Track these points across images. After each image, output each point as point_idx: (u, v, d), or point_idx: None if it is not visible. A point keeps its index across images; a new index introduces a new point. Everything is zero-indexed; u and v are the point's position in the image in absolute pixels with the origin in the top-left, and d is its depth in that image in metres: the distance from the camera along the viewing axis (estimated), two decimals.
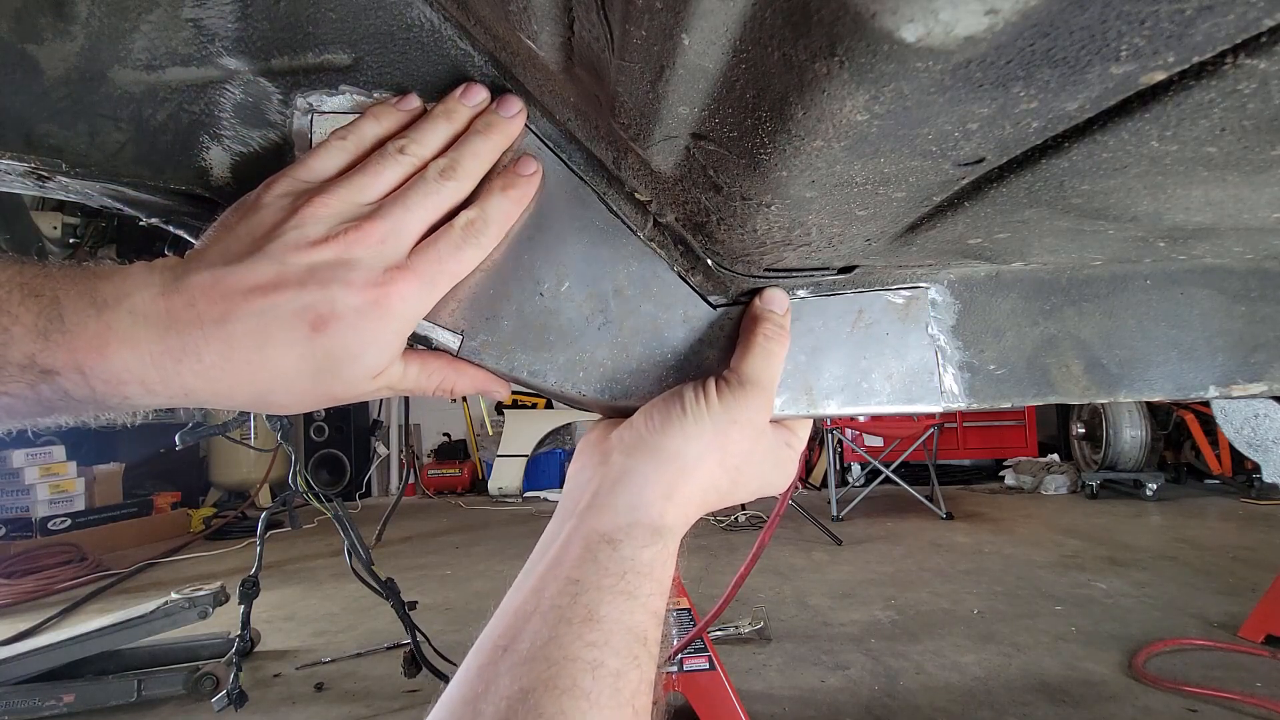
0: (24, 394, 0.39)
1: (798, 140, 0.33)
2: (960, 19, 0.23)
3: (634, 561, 0.44)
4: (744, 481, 0.52)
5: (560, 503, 0.50)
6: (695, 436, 0.48)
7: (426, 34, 0.46)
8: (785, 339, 0.52)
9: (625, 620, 0.41)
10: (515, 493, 6.33)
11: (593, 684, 0.38)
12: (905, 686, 2.21)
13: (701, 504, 0.50)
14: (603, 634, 0.40)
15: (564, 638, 0.40)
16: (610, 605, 0.41)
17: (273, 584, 3.54)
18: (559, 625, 0.40)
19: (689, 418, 0.48)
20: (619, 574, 0.43)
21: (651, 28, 0.32)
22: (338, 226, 0.42)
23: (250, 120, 0.47)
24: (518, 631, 0.41)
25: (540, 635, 0.40)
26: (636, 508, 0.46)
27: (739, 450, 0.50)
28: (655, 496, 0.47)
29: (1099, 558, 3.57)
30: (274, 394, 0.43)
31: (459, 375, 0.50)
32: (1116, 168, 0.35)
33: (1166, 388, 0.57)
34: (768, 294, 0.53)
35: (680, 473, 0.48)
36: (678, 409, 0.49)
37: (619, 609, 0.41)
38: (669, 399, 0.50)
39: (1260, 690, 2.07)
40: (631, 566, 0.43)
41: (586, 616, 0.40)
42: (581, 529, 0.45)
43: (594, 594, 0.42)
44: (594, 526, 0.45)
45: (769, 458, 0.53)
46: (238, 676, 2.07)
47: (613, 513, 0.46)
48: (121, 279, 0.40)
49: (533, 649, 0.39)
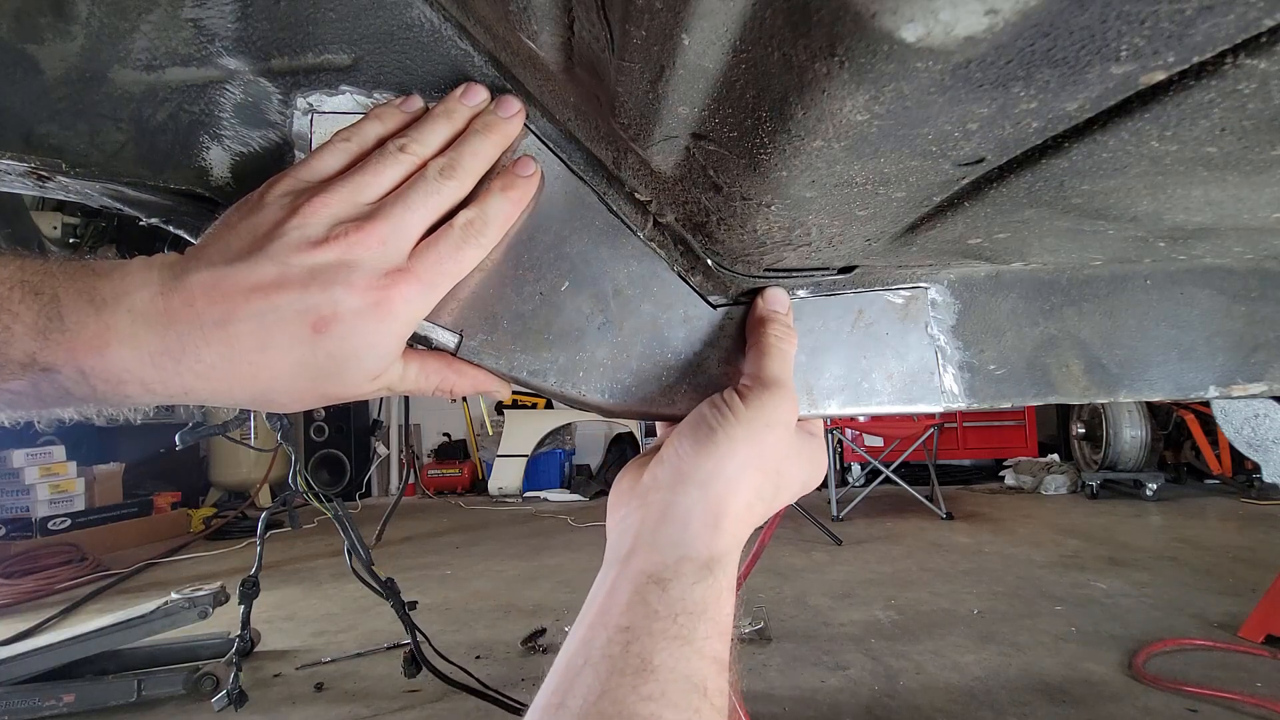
0: (25, 390, 0.39)
1: (798, 140, 0.33)
2: (960, 19, 0.23)
3: (685, 601, 0.41)
4: (786, 484, 0.50)
5: (606, 555, 0.48)
6: (730, 452, 0.46)
7: (426, 34, 0.46)
8: (794, 337, 0.52)
9: (681, 668, 0.38)
10: (515, 493, 6.33)
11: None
12: (905, 686, 2.21)
13: (749, 520, 0.48)
14: (659, 685, 0.37)
15: (617, 691, 0.37)
16: (665, 652, 0.39)
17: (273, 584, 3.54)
18: (611, 678, 0.38)
19: (720, 433, 0.47)
20: (670, 616, 0.40)
21: (651, 28, 0.32)
22: (339, 227, 0.42)
23: (250, 120, 0.47)
24: (569, 687, 0.38)
25: (592, 690, 0.37)
26: (682, 543, 0.44)
27: (776, 453, 0.48)
28: (701, 527, 0.45)
29: (1099, 558, 3.57)
30: (273, 393, 0.43)
31: (458, 375, 0.50)
32: (1116, 168, 0.35)
33: (1166, 388, 0.57)
34: (769, 294, 0.52)
35: (725, 493, 0.46)
36: (705, 429, 0.47)
37: (674, 656, 0.39)
38: (693, 424, 0.48)
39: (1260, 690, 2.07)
40: (683, 607, 0.41)
41: (640, 667, 0.38)
42: (627, 573, 0.43)
43: (646, 641, 0.39)
44: (640, 569, 0.43)
45: (802, 453, 0.52)
46: (238, 676, 2.07)
47: (658, 552, 0.44)
48: (121, 277, 0.40)
49: (585, 706, 0.37)
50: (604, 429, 6.90)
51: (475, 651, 2.60)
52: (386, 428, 7.07)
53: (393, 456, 6.98)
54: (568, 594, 3.30)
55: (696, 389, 0.52)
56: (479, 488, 6.73)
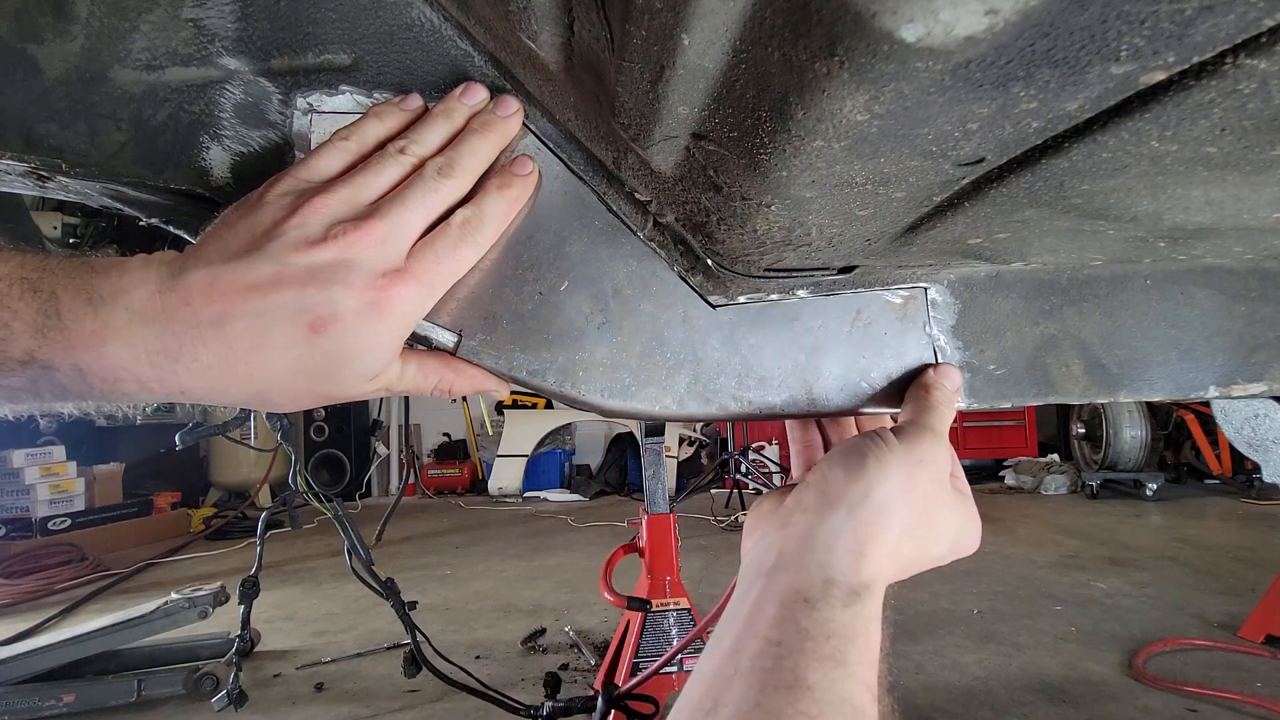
0: (23, 386, 0.39)
1: (798, 140, 0.33)
2: (960, 19, 0.23)
3: (835, 624, 0.40)
4: (937, 533, 0.49)
5: (739, 575, 0.47)
6: (881, 478, 0.46)
7: (426, 34, 0.46)
8: (955, 407, 0.53)
9: (838, 690, 0.37)
10: (515, 493, 6.33)
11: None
12: (905, 686, 2.21)
13: (897, 558, 0.46)
14: (816, 704, 0.36)
15: (772, 704, 0.36)
16: (819, 672, 0.38)
17: (273, 584, 3.54)
18: (765, 691, 0.37)
19: (872, 458, 0.46)
20: (822, 637, 0.39)
21: (651, 28, 0.32)
22: (337, 227, 0.42)
23: (250, 120, 0.47)
24: (720, 694, 0.38)
25: (746, 700, 0.37)
26: (828, 565, 0.43)
27: (925, 493, 0.48)
28: (846, 552, 0.44)
29: (1099, 558, 3.57)
30: (270, 393, 0.43)
31: (457, 375, 0.50)
32: (1116, 168, 0.35)
33: (1166, 388, 0.57)
34: (944, 369, 0.54)
35: (873, 520, 0.45)
36: (856, 455, 0.47)
37: (829, 677, 0.38)
38: (845, 451, 0.48)
39: (1260, 690, 2.07)
40: (834, 629, 0.40)
41: (794, 683, 0.37)
42: (773, 588, 0.43)
43: (799, 658, 0.38)
44: (786, 585, 0.42)
45: (955, 507, 0.51)
46: (238, 676, 2.07)
47: (804, 571, 0.43)
48: (119, 275, 0.40)
49: (738, 714, 0.36)
50: (604, 429, 6.90)
51: (475, 651, 2.60)
52: (386, 428, 7.07)
53: (393, 456, 6.98)
54: (568, 594, 3.29)
55: (696, 389, 0.52)
56: (479, 488, 6.73)
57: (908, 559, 0.47)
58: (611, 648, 2.18)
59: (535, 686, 2.27)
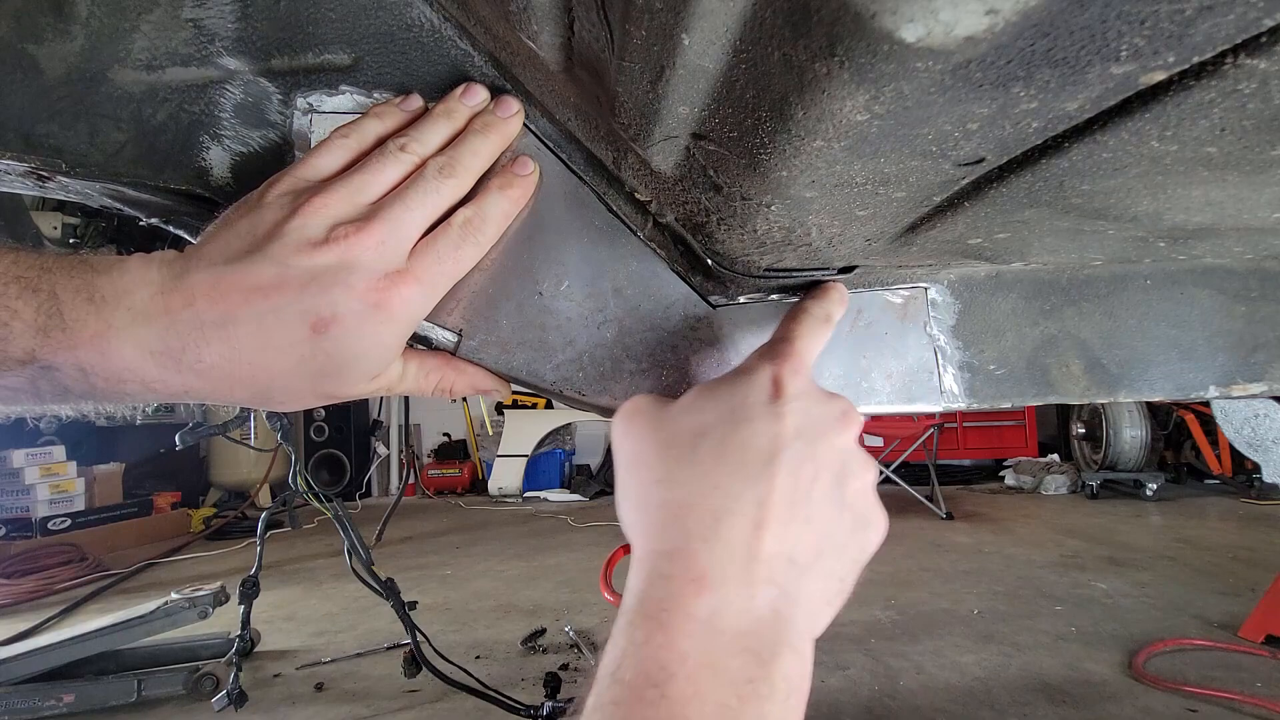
0: (22, 387, 0.39)
1: (798, 140, 0.33)
2: (960, 19, 0.23)
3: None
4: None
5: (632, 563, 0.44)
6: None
7: (426, 34, 0.46)
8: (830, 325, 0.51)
9: None
10: (515, 493, 6.33)
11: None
12: (905, 686, 2.21)
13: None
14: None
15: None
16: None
17: (273, 584, 3.53)
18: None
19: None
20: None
21: (651, 28, 0.32)
22: (339, 228, 0.42)
23: (250, 120, 0.47)
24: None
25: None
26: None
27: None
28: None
29: (1099, 558, 3.57)
30: (273, 393, 0.43)
31: (458, 374, 0.50)
32: (1116, 168, 0.35)
33: (1166, 388, 0.57)
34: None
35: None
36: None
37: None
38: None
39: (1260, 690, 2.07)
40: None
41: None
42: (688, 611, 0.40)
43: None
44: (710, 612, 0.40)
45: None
46: (238, 676, 2.07)
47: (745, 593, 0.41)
48: (120, 274, 0.40)
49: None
50: (604, 429, 6.89)
51: (475, 651, 2.60)
52: (386, 428, 7.07)
53: (393, 456, 6.98)
54: (568, 594, 3.29)
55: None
56: (479, 488, 6.73)
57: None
58: None
59: (535, 686, 2.27)
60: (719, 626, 0.36)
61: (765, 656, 0.36)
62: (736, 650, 0.35)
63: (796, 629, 0.38)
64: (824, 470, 0.41)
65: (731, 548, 0.37)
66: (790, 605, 0.38)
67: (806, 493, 0.40)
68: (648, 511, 0.41)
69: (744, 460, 0.39)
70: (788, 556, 0.38)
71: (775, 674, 0.36)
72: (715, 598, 0.36)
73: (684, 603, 0.36)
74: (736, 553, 0.37)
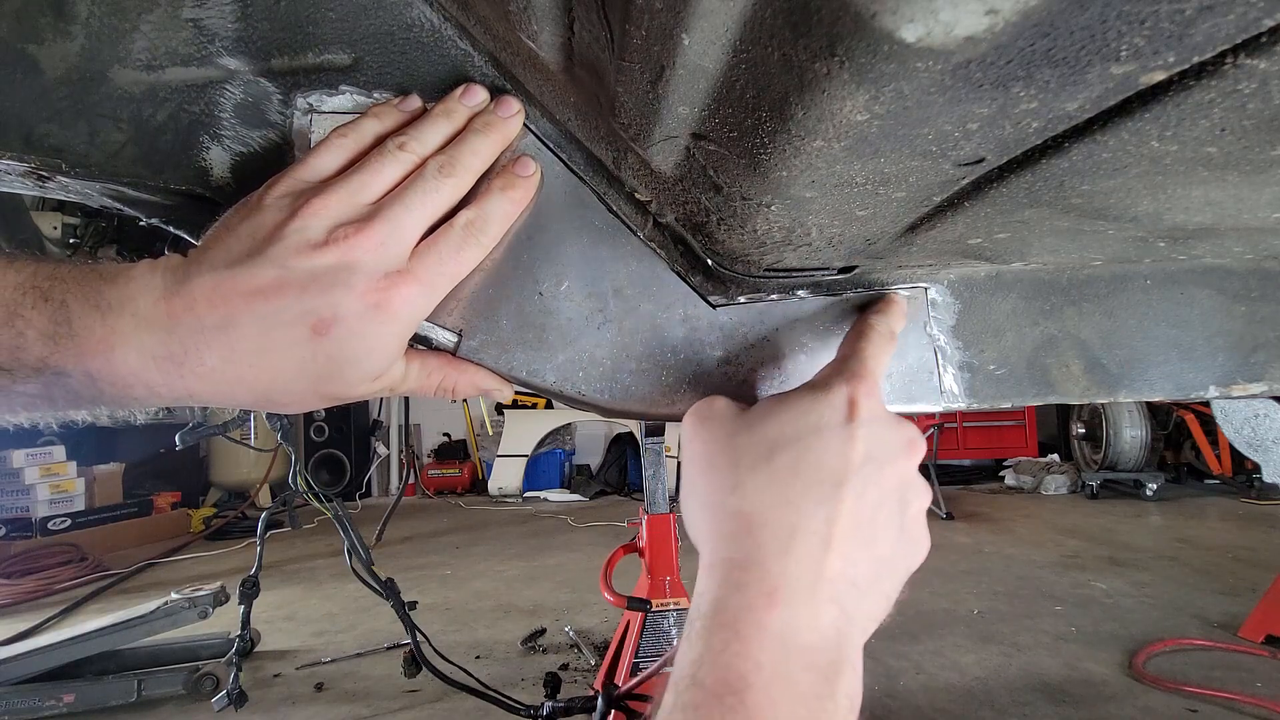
0: (38, 393, 0.40)
1: (798, 140, 0.33)
2: (960, 19, 0.23)
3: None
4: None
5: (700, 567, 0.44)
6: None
7: (426, 34, 0.46)
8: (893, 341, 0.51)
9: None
10: (515, 493, 6.33)
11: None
12: (905, 686, 2.21)
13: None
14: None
15: None
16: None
17: (273, 584, 3.54)
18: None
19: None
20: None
21: (651, 28, 0.32)
22: (339, 229, 0.42)
23: (250, 120, 0.47)
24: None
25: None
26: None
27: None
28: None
29: (1099, 558, 3.57)
30: (275, 394, 0.43)
31: (459, 375, 0.50)
32: (1116, 168, 0.35)
33: (1166, 388, 0.57)
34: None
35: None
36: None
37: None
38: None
39: (1260, 690, 2.07)
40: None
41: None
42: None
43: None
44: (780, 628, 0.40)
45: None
46: (238, 676, 2.07)
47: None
48: (125, 282, 0.41)
49: None
50: (604, 429, 6.90)
51: (475, 651, 2.60)
52: (386, 428, 7.07)
53: (393, 456, 6.98)
54: (568, 594, 3.29)
55: (696, 389, 0.52)
56: (479, 488, 6.73)
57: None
58: (611, 648, 2.18)
59: (535, 686, 2.27)
60: (790, 642, 0.37)
61: (830, 674, 0.37)
62: (804, 666, 0.37)
63: (853, 646, 0.39)
64: (888, 495, 0.42)
65: (802, 565, 0.39)
66: (849, 624, 0.39)
67: (871, 516, 0.41)
68: (720, 518, 0.42)
69: (818, 479, 0.40)
70: (850, 578, 0.40)
71: (839, 690, 0.37)
72: (787, 613, 0.37)
73: (758, 615, 0.37)
74: (806, 571, 0.39)
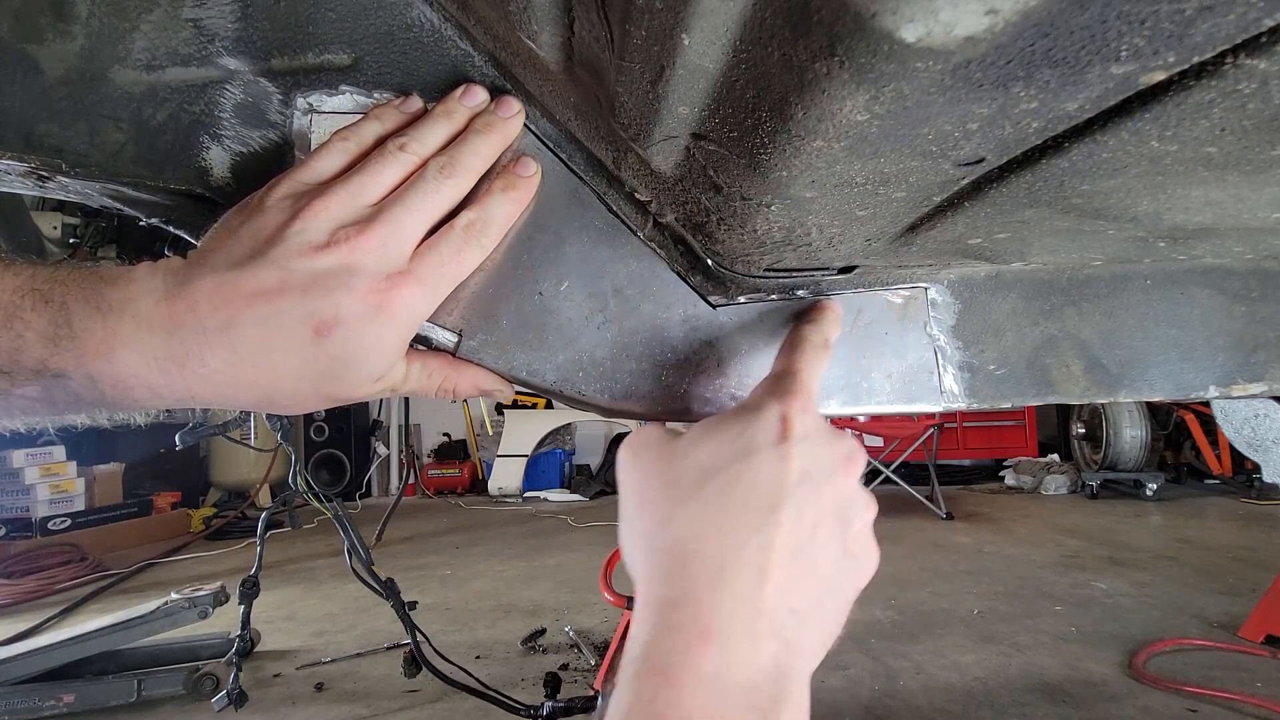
0: (39, 396, 0.40)
1: (798, 140, 0.33)
2: (960, 19, 0.23)
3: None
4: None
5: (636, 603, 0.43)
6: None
7: (427, 34, 0.46)
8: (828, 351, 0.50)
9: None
10: (515, 493, 6.33)
11: None
12: (905, 686, 2.21)
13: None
14: None
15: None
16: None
17: (273, 584, 3.53)
18: None
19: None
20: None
21: (651, 28, 0.32)
22: (340, 231, 0.42)
23: (250, 120, 0.47)
24: None
25: None
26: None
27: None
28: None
29: (1099, 558, 3.57)
30: (277, 396, 0.43)
31: (459, 375, 0.50)
32: (1116, 168, 0.35)
33: (1166, 388, 0.57)
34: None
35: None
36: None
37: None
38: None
39: (1260, 690, 2.07)
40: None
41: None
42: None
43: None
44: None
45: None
46: (238, 676, 2.07)
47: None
48: (126, 283, 0.41)
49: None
50: (604, 429, 6.90)
51: (475, 651, 2.60)
52: (386, 428, 7.07)
53: (393, 456, 6.98)
54: (568, 594, 3.29)
55: (695, 389, 0.52)
56: (479, 488, 6.72)
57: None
58: (611, 648, 2.18)
59: (535, 686, 2.27)
60: (725, 682, 0.35)
61: (770, 712, 0.35)
62: (742, 708, 0.35)
63: (796, 678, 0.38)
64: (827, 515, 0.41)
65: (738, 599, 0.37)
66: (791, 656, 0.38)
67: (810, 539, 0.40)
68: (652, 553, 0.40)
69: (751, 504, 0.39)
70: (789, 607, 0.38)
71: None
72: (723, 653, 0.36)
73: (691, 658, 0.36)
74: (742, 605, 0.37)
